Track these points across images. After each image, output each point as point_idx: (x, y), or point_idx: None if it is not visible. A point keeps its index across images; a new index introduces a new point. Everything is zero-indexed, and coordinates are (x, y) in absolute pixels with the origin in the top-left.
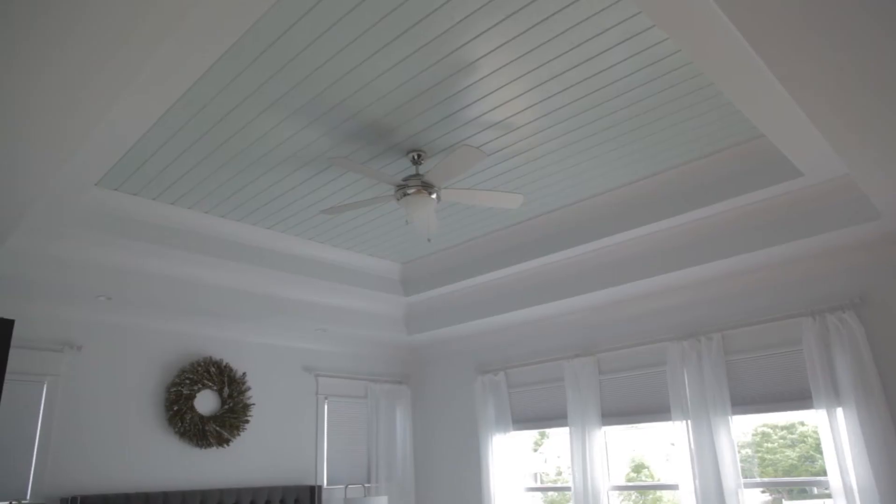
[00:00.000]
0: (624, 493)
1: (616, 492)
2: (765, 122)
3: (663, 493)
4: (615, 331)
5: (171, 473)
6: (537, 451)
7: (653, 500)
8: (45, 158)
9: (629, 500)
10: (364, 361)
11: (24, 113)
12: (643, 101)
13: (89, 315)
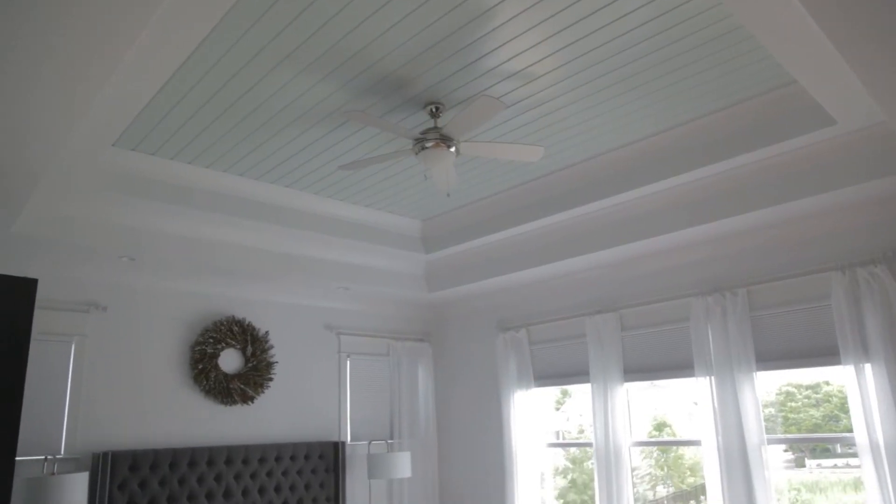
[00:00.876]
0: (646, 451)
1: (637, 448)
2: (797, 67)
3: (685, 451)
4: (638, 286)
5: (198, 430)
6: (559, 410)
7: (674, 458)
8: (56, 120)
9: (651, 458)
10: (385, 319)
11: (33, 74)
12: (667, 47)
13: (113, 276)
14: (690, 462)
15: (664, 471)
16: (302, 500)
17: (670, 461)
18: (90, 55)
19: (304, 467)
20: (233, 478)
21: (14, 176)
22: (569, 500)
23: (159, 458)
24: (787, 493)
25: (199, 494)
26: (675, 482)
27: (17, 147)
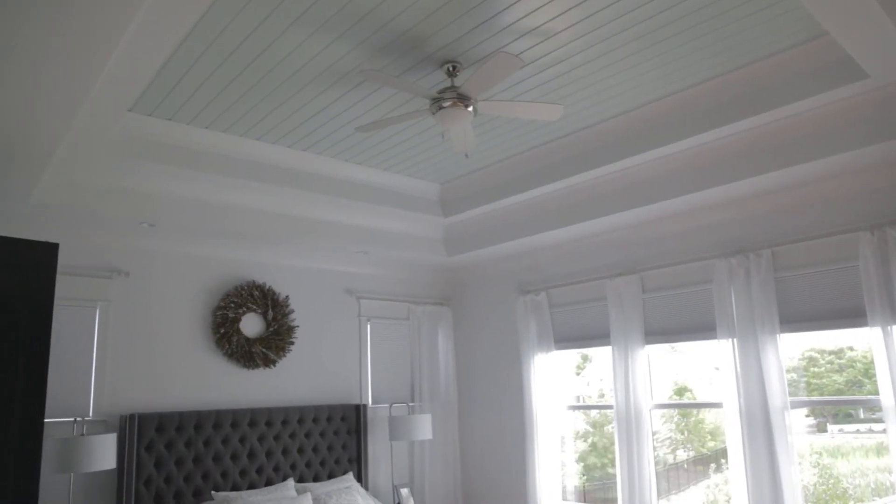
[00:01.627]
0: (666, 415)
1: (658, 412)
2: (828, 16)
3: (705, 416)
4: (660, 248)
5: (221, 393)
6: (580, 375)
7: (695, 422)
8: (69, 85)
9: (671, 422)
10: (405, 284)
11: (44, 41)
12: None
13: (134, 242)
14: (711, 426)
15: (684, 435)
16: (325, 461)
17: (690, 425)
18: (101, 18)
19: (327, 429)
20: (256, 439)
21: (31, 143)
22: (589, 463)
23: (184, 421)
24: (809, 458)
25: (224, 455)
26: (696, 446)
27: (31, 114)
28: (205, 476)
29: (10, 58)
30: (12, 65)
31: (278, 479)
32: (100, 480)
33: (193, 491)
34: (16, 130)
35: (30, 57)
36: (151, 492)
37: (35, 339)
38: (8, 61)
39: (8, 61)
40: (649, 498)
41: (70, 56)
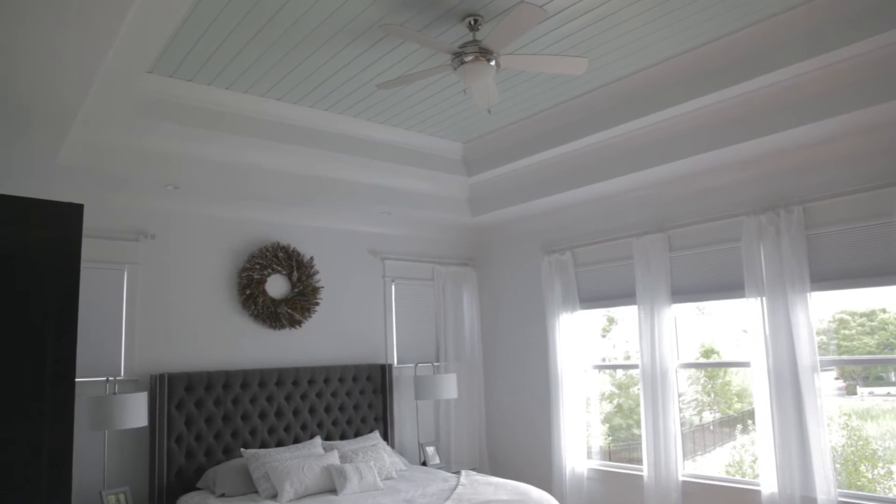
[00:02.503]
0: (692, 377)
1: (684, 372)
2: None
3: (732, 378)
4: (687, 206)
5: (249, 353)
6: (605, 337)
7: (722, 384)
8: (86, 46)
9: (697, 384)
10: (429, 244)
11: (59, 1)
12: None
13: (160, 204)
14: (738, 388)
15: (710, 397)
16: (351, 419)
17: (717, 387)
18: None
19: (353, 389)
20: (284, 398)
21: (52, 105)
22: (614, 424)
23: (213, 380)
24: (838, 419)
25: (252, 414)
26: (722, 408)
27: (51, 76)
28: (234, 434)
29: (27, 20)
30: (29, 26)
31: (306, 437)
32: (133, 437)
33: (223, 448)
34: (37, 93)
35: (46, 18)
36: (183, 449)
37: (64, 299)
38: (24, 23)
39: (24, 23)
40: (675, 458)
41: (85, 17)
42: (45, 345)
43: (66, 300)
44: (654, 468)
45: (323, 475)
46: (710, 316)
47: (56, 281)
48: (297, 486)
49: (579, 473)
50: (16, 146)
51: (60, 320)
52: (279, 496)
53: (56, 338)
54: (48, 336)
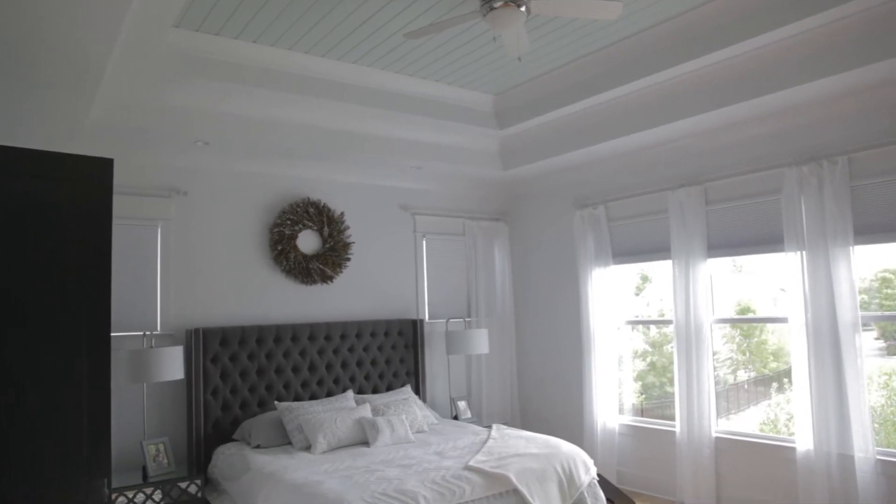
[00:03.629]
0: (728, 336)
1: (719, 329)
2: None
3: (768, 337)
4: (725, 158)
5: (281, 308)
6: (639, 296)
7: (758, 343)
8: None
9: (732, 342)
10: (461, 199)
11: None
12: None
13: (191, 161)
14: (774, 347)
15: (746, 356)
16: (383, 374)
17: (752, 346)
18: None
19: (384, 343)
20: (316, 353)
21: (80, 61)
22: (647, 382)
23: (247, 335)
24: (877, 379)
25: (286, 368)
26: (757, 367)
27: (77, 31)
28: (268, 387)
29: None
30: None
31: (338, 391)
32: (170, 390)
33: (258, 401)
34: (64, 48)
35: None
36: (219, 401)
37: (97, 253)
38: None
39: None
40: (708, 414)
41: None
42: (80, 299)
43: (99, 254)
44: (686, 424)
45: (355, 428)
46: (747, 275)
47: (89, 235)
48: (329, 439)
49: (611, 429)
50: (47, 104)
51: (95, 274)
52: (312, 448)
53: (91, 291)
54: (84, 289)
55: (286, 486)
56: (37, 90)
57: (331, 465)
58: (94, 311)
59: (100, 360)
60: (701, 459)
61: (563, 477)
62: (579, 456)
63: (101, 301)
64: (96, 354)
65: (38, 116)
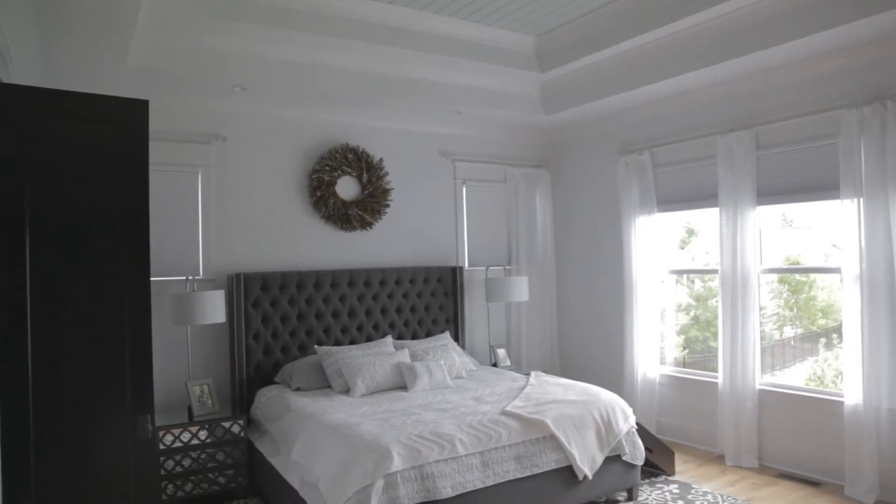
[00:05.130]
0: (775, 291)
1: (767, 284)
2: None
3: (818, 293)
4: (778, 100)
5: (320, 254)
6: (684, 249)
7: (806, 299)
8: None
9: (780, 298)
10: (502, 145)
11: None
12: None
13: (229, 106)
14: (823, 304)
15: (794, 311)
16: (422, 321)
17: (801, 302)
18: None
19: (424, 290)
20: (356, 299)
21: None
22: (690, 336)
23: (286, 280)
24: None
25: (326, 313)
26: (805, 324)
27: None
28: (308, 332)
29: None
30: None
31: (377, 337)
32: (213, 334)
33: (299, 345)
34: None
35: None
36: (260, 345)
37: (135, 195)
38: None
39: None
40: (752, 366)
41: None
42: (120, 240)
43: (137, 195)
44: (729, 375)
45: (393, 372)
46: (797, 229)
47: (127, 178)
48: (368, 383)
49: (651, 379)
50: (85, 50)
51: (134, 215)
52: (351, 391)
53: (130, 233)
54: (122, 232)
55: (325, 426)
56: (74, 35)
57: (369, 407)
58: (134, 253)
59: (140, 300)
60: (743, 411)
61: (602, 424)
62: (618, 404)
63: (141, 243)
64: (137, 295)
65: (77, 62)
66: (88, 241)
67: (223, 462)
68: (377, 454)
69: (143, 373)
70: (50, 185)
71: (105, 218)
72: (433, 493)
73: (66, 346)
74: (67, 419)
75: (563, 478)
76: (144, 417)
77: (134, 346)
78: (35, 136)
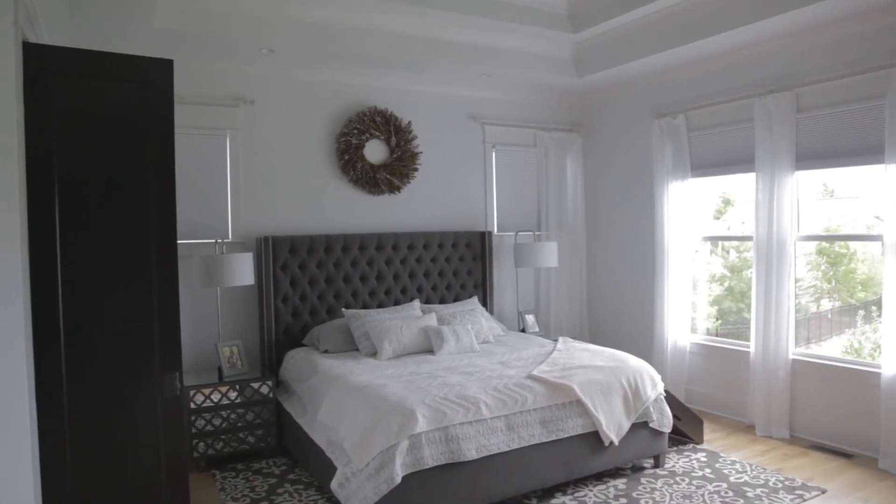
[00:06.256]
0: (813, 264)
1: (803, 249)
2: None
3: (857, 266)
4: (822, 59)
5: (348, 218)
6: (719, 220)
7: (845, 272)
8: None
9: (817, 270)
10: (532, 109)
11: None
12: None
13: (257, 69)
14: (863, 277)
15: (832, 284)
16: (450, 285)
17: (839, 275)
18: None
19: (452, 255)
20: (384, 263)
21: None
22: (724, 307)
23: (315, 244)
24: None
25: (354, 277)
26: (843, 297)
27: None
28: (336, 295)
29: None
30: None
31: (405, 301)
32: (243, 296)
33: (327, 308)
34: None
35: None
36: (289, 308)
37: (161, 154)
38: None
39: None
40: (786, 335)
41: None
42: (147, 200)
43: (163, 154)
44: (762, 344)
45: (420, 336)
46: (838, 200)
47: (153, 138)
48: (395, 346)
49: (681, 347)
50: (112, 9)
51: (160, 174)
52: (378, 354)
53: (158, 193)
54: (150, 191)
55: (350, 388)
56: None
57: (395, 370)
58: (161, 211)
59: (167, 259)
60: (775, 381)
61: (629, 391)
62: (646, 371)
63: (167, 201)
64: (164, 254)
65: (104, 23)
66: (116, 200)
67: (252, 422)
68: (402, 415)
69: (171, 331)
70: (77, 144)
71: (132, 177)
72: (457, 454)
73: (95, 306)
74: (98, 377)
75: (588, 443)
76: (172, 375)
77: (161, 304)
78: (62, 97)
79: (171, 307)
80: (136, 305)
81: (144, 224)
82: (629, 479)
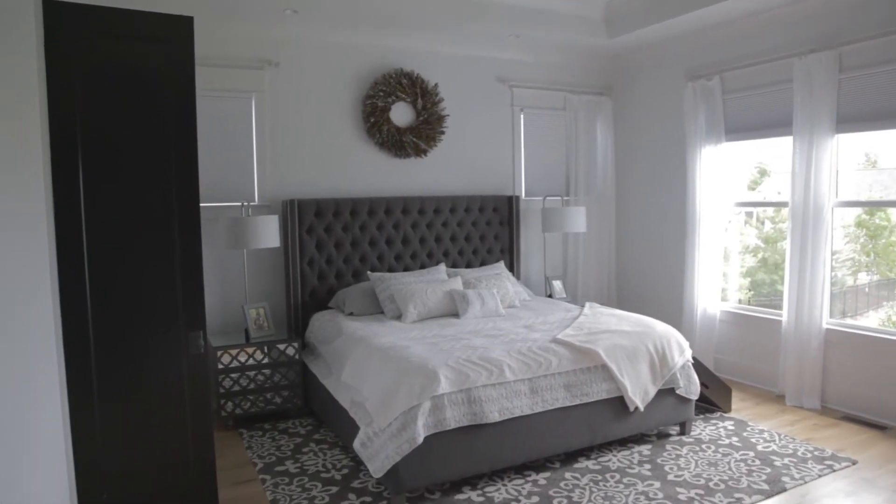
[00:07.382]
0: (851, 236)
1: (841, 211)
2: None
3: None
4: (867, 16)
5: (374, 181)
6: (755, 190)
7: (885, 245)
8: None
9: (856, 242)
10: (562, 71)
11: None
12: None
13: (281, 31)
14: None
15: (870, 257)
16: (477, 250)
17: (879, 248)
18: None
19: (479, 219)
20: (410, 226)
21: None
22: (757, 279)
23: (340, 207)
24: None
25: (379, 240)
26: (882, 270)
27: None
28: (362, 259)
29: None
30: None
31: (431, 265)
32: (269, 259)
33: (352, 272)
34: None
35: None
36: (315, 271)
37: (182, 112)
38: None
39: None
40: (820, 305)
41: None
42: (169, 159)
43: (184, 112)
44: (795, 313)
45: (446, 299)
46: (881, 170)
47: (174, 94)
48: (420, 309)
49: (711, 314)
50: None
51: (182, 132)
52: (403, 317)
53: (178, 151)
54: (171, 150)
55: (374, 349)
56: None
57: (419, 332)
58: (183, 169)
59: (189, 217)
60: (808, 350)
61: (656, 356)
62: (674, 336)
63: (189, 160)
64: (186, 212)
65: None
66: (138, 157)
67: (278, 383)
68: (424, 376)
69: (194, 289)
70: (99, 103)
71: (154, 136)
72: (480, 416)
73: (119, 265)
74: (123, 335)
75: (613, 408)
76: (196, 333)
77: (184, 263)
78: (82, 55)
79: (195, 265)
80: (160, 263)
81: (167, 180)
82: (654, 446)
